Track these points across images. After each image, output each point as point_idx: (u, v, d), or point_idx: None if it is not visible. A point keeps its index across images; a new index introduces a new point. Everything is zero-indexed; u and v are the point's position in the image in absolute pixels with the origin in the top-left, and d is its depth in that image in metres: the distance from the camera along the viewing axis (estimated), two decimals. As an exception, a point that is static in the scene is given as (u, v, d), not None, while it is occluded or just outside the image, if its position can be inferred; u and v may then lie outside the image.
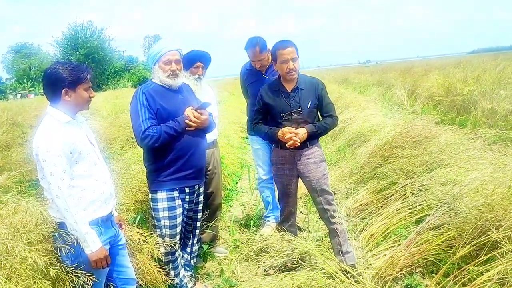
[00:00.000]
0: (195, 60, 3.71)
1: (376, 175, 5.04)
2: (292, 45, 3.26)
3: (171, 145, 2.95)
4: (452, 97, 9.09)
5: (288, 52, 3.21)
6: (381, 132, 6.09)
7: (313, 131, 3.27)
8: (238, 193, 6.15)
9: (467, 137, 5.62)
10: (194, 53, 3.75)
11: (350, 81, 22.17)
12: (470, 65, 12.67)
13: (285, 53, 3.21)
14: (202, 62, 3.75)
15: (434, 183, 4.07)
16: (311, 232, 4.39)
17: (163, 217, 3.05)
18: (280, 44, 3.29)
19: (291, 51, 3.22)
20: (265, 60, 4.19)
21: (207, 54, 3.81)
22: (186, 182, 3.05)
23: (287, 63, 3.21)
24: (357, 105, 9.71)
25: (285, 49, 3.22)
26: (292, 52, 3.22)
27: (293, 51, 3.23)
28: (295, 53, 3.24)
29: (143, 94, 2.94)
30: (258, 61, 4.18)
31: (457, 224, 3.20)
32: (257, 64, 4.20)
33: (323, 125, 3.33)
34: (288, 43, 3.27)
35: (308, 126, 3.26)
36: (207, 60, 3.81)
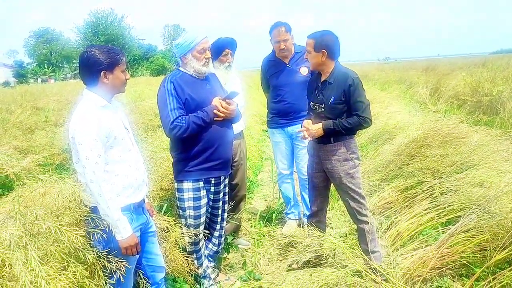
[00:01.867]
0: (223, 47, 3.67)
1: (402, 174, 4.94)
2: (312, 38, 3.24)
3: (199, 136, 2.91)
4: (479, 97, 8.88)
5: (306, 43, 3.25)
6: (407, 130, 5.96)
7: (329, 127, 3.18)
8: (259, 185, 6.12)
9: (498, 138, 5.47)
10: (221, 41, 3.71)
11: (370, 78, 21.92)
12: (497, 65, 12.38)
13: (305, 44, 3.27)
14: (230, 48, 3.71)
15: (465, 184, 3.96)
16: (333, 229, 4.33)
17: (188, 207, 3.02)
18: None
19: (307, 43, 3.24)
20: (288, 43, 4.10)
21: (233, 40, 3.76)
22: (212, 173, 3.02)
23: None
24: (380, 101, 9.58)
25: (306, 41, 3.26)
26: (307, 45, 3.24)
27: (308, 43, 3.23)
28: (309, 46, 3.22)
29: (171, 83, 2.89)
30: (283, 41, 4.07)
31: (492, 227, 3.11)
32: (282, 45, 4.08)
33: (343, 123, 3.18)
34: (311, 35, 3.27)
35: (325, 122, 3.19)
36: (234, 46, 3.77)
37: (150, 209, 2.71)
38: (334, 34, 3.27)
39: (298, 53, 4.14)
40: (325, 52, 3.21)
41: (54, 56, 58.02)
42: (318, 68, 3.29)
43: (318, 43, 3.20)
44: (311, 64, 3.28)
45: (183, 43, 2.95)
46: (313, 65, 3.28)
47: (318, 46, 3.20)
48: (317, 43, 3.19)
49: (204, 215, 3.10)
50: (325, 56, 3.21)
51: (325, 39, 3.22)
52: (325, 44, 3.21)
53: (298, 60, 4.15)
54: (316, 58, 3.21)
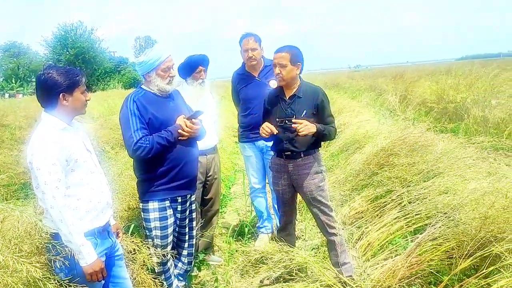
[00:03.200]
0: (196, 65, 3.66)
1: (371, 183, 5.01)
2: (287, 51, 3.19)
3: (164, 155, 2.87)
4: (445, 104, 9.12)
5: (276, 57, 3.20)
6: (376, 138, 6.06)
7: (321, 130, 3.15)
8: (232, 198, 6.09)
9: (462, 145, 5.62)
10: (194, 59, 3.70)
11: (341, 86, 22.27)
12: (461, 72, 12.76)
13: (275, 57, 3.21)
14: (203, 65, 3.70)
15: (431, 192, 4.03)
16: (307, 241, 4.34)
17: (155, 227, 2.98)
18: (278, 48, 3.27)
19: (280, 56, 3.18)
20: (257, 53, 4.13)
21: (205, 56, 3.76)
22: (178, 192, 2.99)
23: (275, 67, 3.21)
24: (351, 110, 9.72)
25: (276, 54, 3.21)
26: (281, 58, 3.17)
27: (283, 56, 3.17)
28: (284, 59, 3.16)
29: (134, 102, 2.84)
30: (251, 50, 4.10)
31: (457, 235, 3.16)
32: (250, 53, 4.11)
33: (329, 129, 3.24)
34: (281, 48, 3.23)
35: (318, 124, 3.16)
36: (207, 62, 3.77)
37: (116, 231, 2.65)
38: (299, 48, 3.30)
39: (267, 67, 4.17)
40: (300, 64, 3.24)
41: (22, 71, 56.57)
42: (291, 82, 3.25)
43: (294, 56, 3.19)
44: (284, 78, 3.20)
45: (147, 61, 2.90)
46: (286, 79, 3.21)
47: (294, 59, 3.19)
48: (293, 56, 3.18)
49: (172, 234, 3.06)
50: (299, 70, 3.24)
51: (298, 52, 3.24)
52: (299, 57, 3.24)
53: (268, 74, 4.17)
54: (292, 72, 3.19)
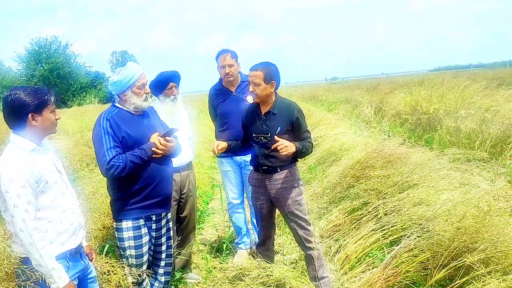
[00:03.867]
0: (167, 81, 3.65)
1: (348, 195, 5.05)
2: (261, 69, 3.20)
3: (138, 174, 2.84)
4: (418, 115, 9.31)
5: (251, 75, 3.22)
6: (352, 151, 6.13)
7: (299, 149, 3.17)
8: (210, 214, 6.05)
9: (435, 156, 5.74)
10: (165, 75, 3.68)
11: (318, 98, 22.49)
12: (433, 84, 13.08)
13: (250, 75, 3.23)
14: (174, 81, 3.69)
15: (406, 203, 4.10)
16: (285, 255, 4.33)
17: (129, 246, 2.92)
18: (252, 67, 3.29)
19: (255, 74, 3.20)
20: (234, 69, 4.15)
21: (177, 72, 3.75)
22: (153, 211, 2.95)
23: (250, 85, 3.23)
24: (327, 123, 9.81)
25: (251, 72, 3.23)
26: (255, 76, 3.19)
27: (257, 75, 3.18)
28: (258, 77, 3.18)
29: (107, 120, 2.81)
30: (228, 66, 4.12)
31: (432, 246, 3.21)
32: (227, 70, 4.13)
33: (306, 145, 3.26)
34: (256, 66, 3.24)
35: (296, 143, 3.19)
36: (178, 78, 3.76)
37: (89, 252, 2.60)
38: (275, 65, 3.33)
39: (244, 82, 4.19)
40: (274, 83, 3.26)
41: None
42: (266, 100, 3.28)
43: (267, 74, 3.21)
44: (259, 96, 3.23)
45: (122, 80, 2.88)
46: (261, 97, 3.24)
47: (268, 77, 3.21)
48: (267, 75, 3.20)
49: (147, 253, 3.01)
50: (273, 87, 3.27)
51: (272, 70, 3.26)
52: (274, 75, 3.25)
53: (245, 89, 4.19)
54: (266, 90, 3.22)
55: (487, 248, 2.79)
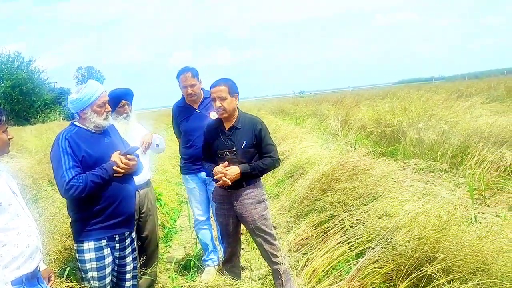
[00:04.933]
0: (119, 99, 3.62)
1: (315, 208, 5.09)
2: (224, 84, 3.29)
3: (99, 193, 2.78)
4: (383, 128, 9.53)
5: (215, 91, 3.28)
6: (318, 164, 6.20)
7: (247, 171, 3.23)
8: (178, 231, 5.96)
9: (399, 167, 5.87)
10: (116, 93, 3.65)
11: (286, 112, 22.69)
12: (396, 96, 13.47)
13: (213, 92, 3.29)
14: (126, 99, 3.66)
15: (371, 215, 4.16)
16: (253, 271, 4.31)
17: (91, 268, 2.85)
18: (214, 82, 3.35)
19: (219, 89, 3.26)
20: (196, 88, 4.16)
21: (129, 90, 3.73)
22: (116, 230, 2.89)
23: (215, 101, 3.27)
24: (295, 136, 9.89)
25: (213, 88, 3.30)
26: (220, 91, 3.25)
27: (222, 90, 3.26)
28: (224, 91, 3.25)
29: (66, 140, 2.75)
30: (190, 86, 4.13)
31: (395, 257, 3.27)
32: (189, 90, 4.14)
33: (259, 165, 3.30)
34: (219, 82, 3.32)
35: (242, 166, 3.24)
36: (131, 96, 3.73)
37: (47, 276, 2.51)
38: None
39: (207, 98, 4.19)
40: (237, 95, 3.31)
41: (-47, 104, 53.27)
42: (232, 114, 3.31)
43: (231, 88, 3.28)
44: (226, 110, 3.25)
45: (82, 98, 2.84)
46: (229, 111, 3.27)
47: (232, 91, 3.28)
48: (230, 88, 3.27)
49: (110, 275, 2.93)
50: (237, 100, 3.31)
51: (233, 84, 3.35)
52: (235, 88, 3.33)
53: (208, 105, 4.19)
54: (232, 103, 3.27)
55: (447, 257, 2.86)
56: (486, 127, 7.62)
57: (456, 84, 27.42)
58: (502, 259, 2.83)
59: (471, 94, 16.35)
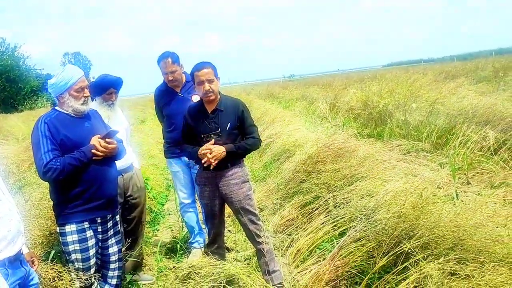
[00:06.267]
0: (108, 86, 3.60)
1: (300, 190, 5.14)
2: (209, 66, 3.27)
3: (79, 176, 2.81)
4: (370, 110, 9.59)
5: (203, 73, 3.22)
6: (304, 147, 6.24)
7: (232, 150, 3.26)
8: (165, 215, 5.99)
9: (384, 148, 5.93)
10: (107, 80, 3.63)
11: (275, 96, 22.67)
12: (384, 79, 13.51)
13: (200, 75, 3.22)
14: (115, 87, 3.65)
15: (354, 195, 4.22)
16: (239, 252, 4.37)
17: (74, 250, 2.88)
18: (196, 66, 3.31)
19: (206, 72, 3.23)
20: (177, 74, 4.16)
21: (120, 79, 3.71)
22: (97, 213, 2.93)
23: (203, 84, 3.22)
24: (282, 120, 9.91)
25: (200, 71, 3.23)
26: (208, 74, 3.23)
27: (209, 72, 3.24)
28: (211, 74, 3.24)
29: (45, 124, 2.78)
30: (171, 72, 4.13)
31: (376, 235, 3.33)
32: (170, 77, 4.15)
33: (243, 145, 3.33)
34: (204, 64, 3.28)
35: (227, 145, 3.26)
36: (120, 85, 3.72)
37: (30, 259, 2.53)
38: None
39: (189, 82, 4.19)
40: (219, 78, 3.33)
41: None
42: (217, 95, 3.32)
43: (215, 70, 3.31)
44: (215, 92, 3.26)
45: (59, 83, 2.86)
46: (216, 93, 3.29)
47: (216, 73, 3.31)
48: (215, 70, 3.30)
49: (94, 256, 2.97)
50: (219, 83, 3.32)
51: (215, 67, 3.33)
52: (217, 70, 3.32)
53: (190, 89, 4.19)
54: (217, 85, 3.30)
55: (425, 233, 2.92)
56: (470, 107, 7.70)
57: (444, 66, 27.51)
58: (479, 235, 2.90)
59: (459, 75, 16.46)
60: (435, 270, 2.58)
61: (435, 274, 2.56)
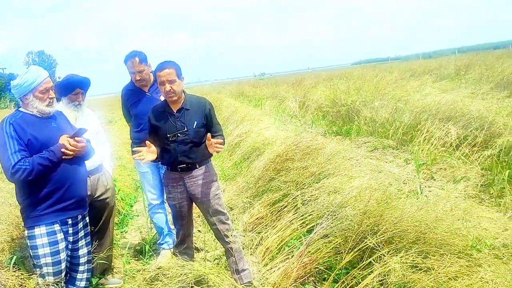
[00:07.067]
0: (74, 87, 3.51)
1: (270, 188, 5.17)
2: (171, 67, 3.22)
3: (48, 176, 2.76)
4: (338, 108, 9.73)
5: (165, 74, 3.18)
6: (274, 145, 6.28)
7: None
8: (134, 217, 5.91)
9: (352, 145, 6.04)
10: (74, 80, 3.54)
11: (246, 95, 22.69)
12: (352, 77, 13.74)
13: (162, 75, 3.19)
14: (82, 88, 3.57)
15: (322, 192, 4.28)
16: (209, 252, 4.36)
17: (44, 254, 2.81)
18: (159, 65, 3.27)
19: (168, 72, 3.18)
20: (145, 73, 4.12)
21: (86, 79, 3.62)
22: (68, 213, 2.88)
23: (164, 85, 3.19)
24: (252, 118, 9.94)
25: (161, 71, 3.19)
26: (169, 74, 3.18)
27: (171, 72, 3.19)
28: (173, 74, 3.19)
29: (11, 125, 2.72)
30: (138, 72, 4.10)
31: (343, 231, 3.39)
32: (137, 76, 4.10)
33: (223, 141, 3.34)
34: (166, 64, 3.23)
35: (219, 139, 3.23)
36: (87, 86, 3.63)
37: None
38: None
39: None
40: (183, 78, 3.30)
41: None
42: (180, 96, 3.29)
43: (177, 70, 3.26)
44: (176, 93, 3.22)
45: (22, 84, 2.81)
46: (178, 94, 3.25)
47: (179, 73, 3.27)
48: (177, 71, 3.25)
49: (65, 260, 2.91)
50: (183, 83, 3.30)
51: (179, 66, 3.31)
52: (181, 70, 3.29)
53: (158, 88, 4.15)
54: (180, 85, 3.26)
55: (389, 228, 2.99)
56: (434, 104, 7.92)
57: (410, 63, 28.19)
58: (440, 228, 2.99)
59: (423, 73, 16.90)
60: (398, 264, 2.65)
61: (398, 268, 2.63)
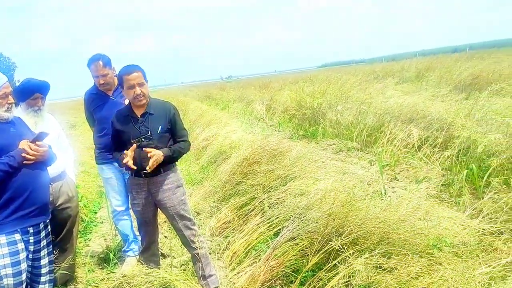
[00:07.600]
0: (33, 91, 3.40)
1: (237, 192, 5.16)
2: (138, 70, 3.19)
3: (8, 183, 2.64)
4: (304, 111, 9.83)
5: (134, 77, 3.14)
6: (240, 148, 6.28)
7: (168, 154, 3.21)
8: (98, 224, 5.76)
9: (317, 148, 6.11)
10: (32, 84, 3.42)
11: (213, 98, 22.63)
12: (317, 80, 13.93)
13: (131, 79, 3.14)
14: (41, 92, 3.46)
15: (288, 195, 4.31)
16: (175, 258, 4.30)
17: (4, 265, 2.68)
18: (125, 69, 3.21)
19: (137, 76, 3.15)
20: (109, 77, 4.05)
21: (46, 83, 3.51)
22: (29, 221, 2.74)
23: (134, 88, 3.14)
24: (219, 121, 9.91)
25: (130, 74, 3.15)
26: (138, 77, 3.16)
27: (139, 75, 3.17)
28: (141, 77, 3.18)
29: None
30: (102, 76, 4.02)
31: (309, 233, 3.41)
32: (101, 80, 4.02)
33: (177, 149, 3.30)
34: (133, 68, 3.20)
35: (163, 150, 3.20)
36: (46, 90, 3.52)
37: None
38: None
39: None
40: (147, 81, 3.26)
41: None
42: (148, 99, 3.25)
43: (144, 73, 3.23)
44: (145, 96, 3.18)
45: None
46: (147, 97, 3.22)
47: (145, 76, 3.23)
48: (144, 74, 3.23)
49: (26, 270, 2.79)
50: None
51: (143, 69, 3.26)
52: (145, 74, 3.25)
53: (122, 92, 4.07)
54: (147, 89, 3.22)
55: (353, 230, 3.04)
56: (396, 106, 8.12)
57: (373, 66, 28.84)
58: (402, 229, 3.06)
59: (386, 76, 17.33)
60: (362, 265, 2.69)
61: (362, 269, 2.67)
